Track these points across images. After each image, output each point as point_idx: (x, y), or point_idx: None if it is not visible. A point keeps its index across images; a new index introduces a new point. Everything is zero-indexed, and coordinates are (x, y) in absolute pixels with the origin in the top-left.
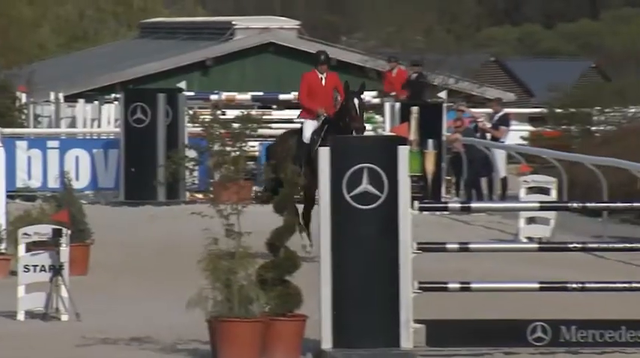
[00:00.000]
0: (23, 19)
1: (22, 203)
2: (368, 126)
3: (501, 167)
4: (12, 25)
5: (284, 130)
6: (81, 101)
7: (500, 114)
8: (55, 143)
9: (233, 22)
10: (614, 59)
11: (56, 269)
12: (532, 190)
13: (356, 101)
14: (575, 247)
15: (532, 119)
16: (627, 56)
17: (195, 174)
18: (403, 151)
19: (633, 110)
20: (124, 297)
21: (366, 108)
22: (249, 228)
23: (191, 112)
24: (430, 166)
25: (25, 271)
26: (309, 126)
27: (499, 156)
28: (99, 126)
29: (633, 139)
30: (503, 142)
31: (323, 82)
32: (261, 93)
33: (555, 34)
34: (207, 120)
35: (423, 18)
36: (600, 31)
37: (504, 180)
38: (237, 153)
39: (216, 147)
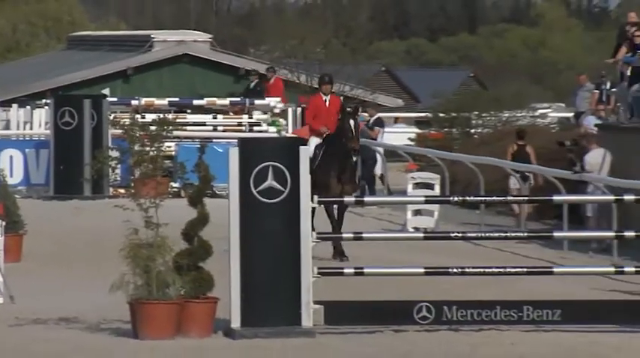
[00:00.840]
0: None
1: None
2: (272, 130)
3: (380, 165)
4: None
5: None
6: (14, 106)
7: (375, 117)
8: None
9: (152, 36)
10: (490, 69)
11: None
12: (418, 185)
13: (351, 122)
14: (456, 236)
15: (418, 122)
16: (502, 67)
17: (118, 171)
18: (304, 151)
19: (507, 114)
20: (54, 282)
21: (359, 127)
22: (166, 219)
23: (112, 117)
24: None
25: None
26: (313, 142)
27: (380, 155)
28: (31, 128)
29: (507, 141)
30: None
31: (327, 103)
32: (176, 99)
33: (438, 47)
34: (127, 123)
35: (322, 32)
36: (478, 45)
37: (382, 177)
38: (155, 152)
39: (136, 147)
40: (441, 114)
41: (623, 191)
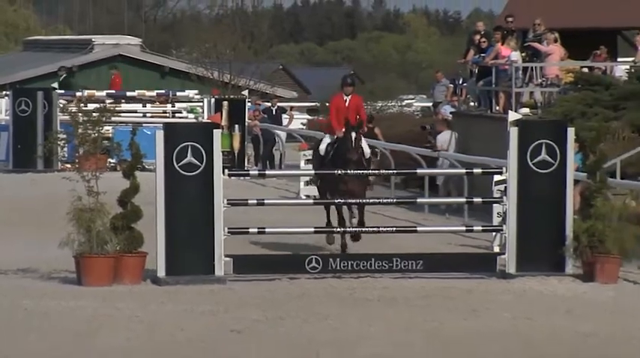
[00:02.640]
0: None
1: None
2: (190, 116)
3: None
4: None
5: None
6: None
7: (276, 106)
8: None
9: (92, 39)
10: (367, 67)
11: None
12: (309, 161)
13: (353, 134)
14: (338, 202)
15: (309, 110)
16: (376, 65)
17: (65, 149)
18: (217, 134)
19: (380, 104)
20: (12, 240)
21: (360, 139)
22: (105, 189)
23: (61, 105)
24: (237, 144)
25: None
26: (326, 140)
27: (282, 137)
28: None
29: (381, 126)
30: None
31: (347, 103)
32: (113, 91)
33: (325, 49)
34: (73, 110)
35: (231, 37)
36: (357, 48)
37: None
38: (96, 134)
39: (80, 130)
40: (327, 104)
41: (471, 165)
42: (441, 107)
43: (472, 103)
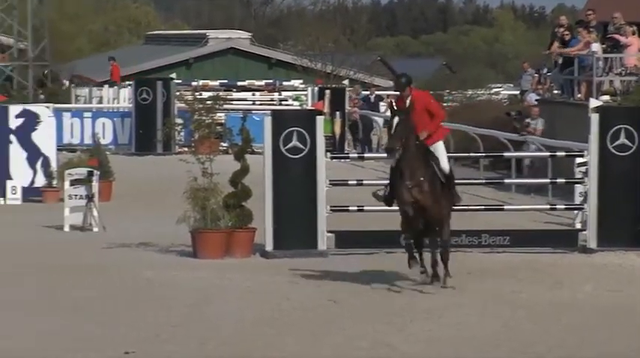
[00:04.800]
0: (65, 32)
1: (67, 154)
2: (296, 104)
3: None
4: (58, 35)
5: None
6: (106, 86)
7: (375, 94)
8: (88, 114)
9: (207, 34)
10: (458, 59)
11: (89, 198)
12: None
13: (395, 120)
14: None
15: None
16: (466, 57)
17: (182, 134)
18: (319, 120)
19: (470, 92)
20: (135, 216)
21: (407, 124)
22: (218, 170)
23: (178, 94)
24: (338, 129)
25: (69, 198)
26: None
27: (380, 122)
28: (118, 103)
29: (470, 112)
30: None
31: (407, 104)
32: (225, 81)
33: (419, 42)
34: (189, 99)
35: (332, 31)
36: (448, 40)
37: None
38: (210, 120)
39: (195, 116)
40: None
41: (555, 149)
42: (527, 95)
43: (556, 91)
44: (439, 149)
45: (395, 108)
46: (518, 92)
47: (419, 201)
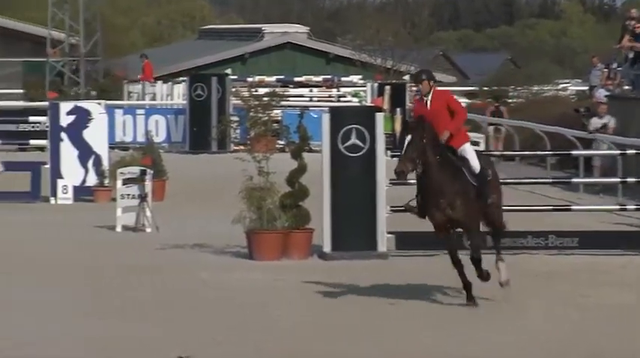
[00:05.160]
0: (118, 26)
1: (119, 152)
2: (354, 100)
3: None
4: (111, 29)
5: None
6: (159, 82)
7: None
8: (141, 111)
9: (263, 28)
10: (523, 53)
11: (142, 197)
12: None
13: (407, 139)
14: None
15: (467, 94)
16: (532, 51)
17: (237, 131)
18: (379, 117)
19: (536, 88)
20: (189, 216)
21: (421, 143)
22: (274, 169)
23: (233, 90)
24: (398, 127)
25: (121, 198)
26: None
27: None
28: (171, 99)
29: (536, 108)
30: None
31: (428, 104)
32: (282, 77)
33: (483, 36)
34: (245, 95)
35: (393, 25)
36: (514, 34)
37: None
38: (266, 117)
39: (251, 113)
40: (485, 88)
41: (626, 146)
42: (596, 91)
43: (626, 87)
44: (467, 150)
45: (408, 124)
46: (586, 88)
47: (451, 218)
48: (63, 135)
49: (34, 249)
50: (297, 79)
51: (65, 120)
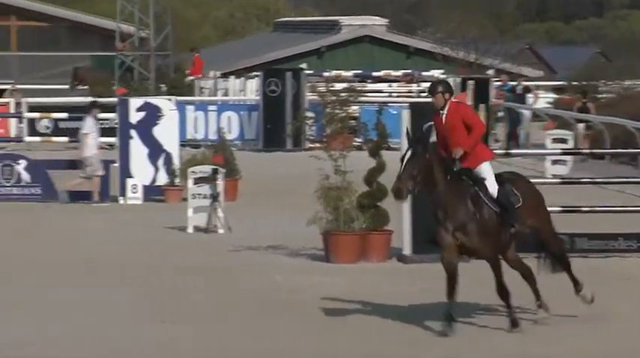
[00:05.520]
0: (189, 19)
1: (190, 150)
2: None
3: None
4: (181, 23)
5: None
6: (232, 77)
7: (523, 85)
8: (213, 107)
9: (340, 20)
10: (614, 46)
11: (214, 197)
12: (555, 141)
13: (407, 154)
14: (585, 181)
15: (555, 89)
16: (624, 44)
17: (313, 128)
18: None
19: (628, 83)
20: (262, 216)
21: (423, 159)
22: (351, 167)
23: (309, 85)
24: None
25: (192, 198)
26: None
27: (527, 116)
28: (244, 95)
29: (628, 104)
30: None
31: (444, 119)
32: (359, 71)
33: (571, 28)
34: (321, 90)
35: (477, 17)
36: (604, 26)
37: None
38: (343, 114)
39: (328, 109)
40: (574, 83)
41: None
42: None
43: None
44: (484, 170)
45: (410, 135)
46: None
47: (464, 245)
48: (132, 132)
49: (103, 249)
50: (375, 74)
51: (135, 117)
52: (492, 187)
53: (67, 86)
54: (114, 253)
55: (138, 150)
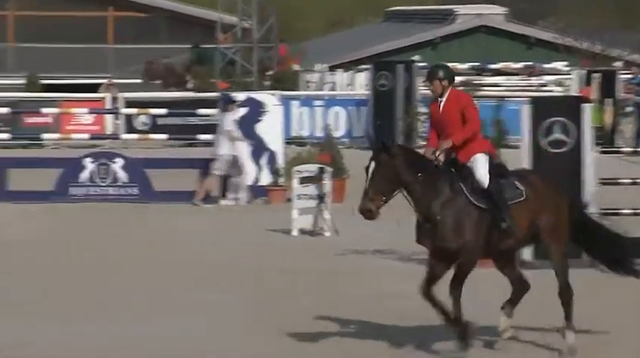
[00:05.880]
0: (294, 9)
1: (295, 148)
2: (558, 89)
3: None
4: (286, 13)
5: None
6: (339, 70)
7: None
8: (320, 102)
9: (455, 9)
10: None
11: (321, 198)
12: None
13: (371, 166)
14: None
15: None
16: None
17: (425, 125)
18: (587, 108)
19: None
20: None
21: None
22: None
23: (423, 79)
24: (608, 119)
25: (297, 199)
26: None
27: None
28: (353, 89)
29: None
30: None
31: (441, 108)
32: (476, 64)
33: None
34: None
35: (601, 7)
36: None
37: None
38: None
39: None
40: None
41: None
42: None
43: None
44: (476, 161)
45: (375, 143)
46: None
47: (436, 244)
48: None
49: (204, 251)
50: (493, 66)
51: (237, 112)
52: (482, 178)
53: (141, 81)
54: (215, 255)
55: (240, 148)
